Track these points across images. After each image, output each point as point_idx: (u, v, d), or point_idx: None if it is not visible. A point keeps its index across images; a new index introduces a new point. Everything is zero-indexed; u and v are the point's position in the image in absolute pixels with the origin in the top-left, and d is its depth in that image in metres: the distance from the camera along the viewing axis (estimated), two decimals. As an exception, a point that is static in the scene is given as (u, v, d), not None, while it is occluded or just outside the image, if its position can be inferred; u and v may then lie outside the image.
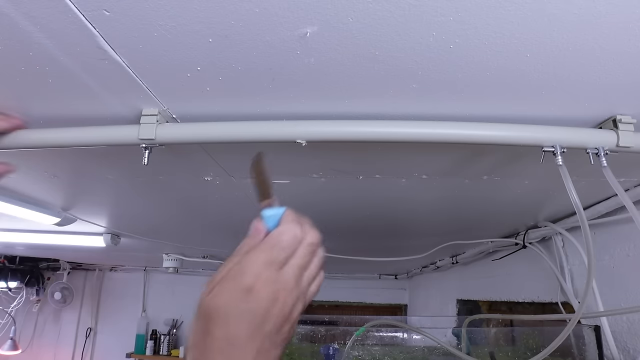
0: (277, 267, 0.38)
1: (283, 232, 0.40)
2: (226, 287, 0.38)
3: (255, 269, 0.38)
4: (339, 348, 1.30)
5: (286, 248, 0.39)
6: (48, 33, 0.48)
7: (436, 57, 0.51)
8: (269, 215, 0.42)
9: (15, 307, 3.82)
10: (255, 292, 0.37)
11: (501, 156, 0.83)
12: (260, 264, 0.38)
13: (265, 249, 0.39)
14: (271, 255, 0.38)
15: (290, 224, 0.40)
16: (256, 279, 0.37)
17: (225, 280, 0.38)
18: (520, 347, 1.34)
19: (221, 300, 0.37)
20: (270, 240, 0.39)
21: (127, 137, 0.66)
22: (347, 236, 1.78)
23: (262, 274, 0.37)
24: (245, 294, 0.37)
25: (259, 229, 0.41)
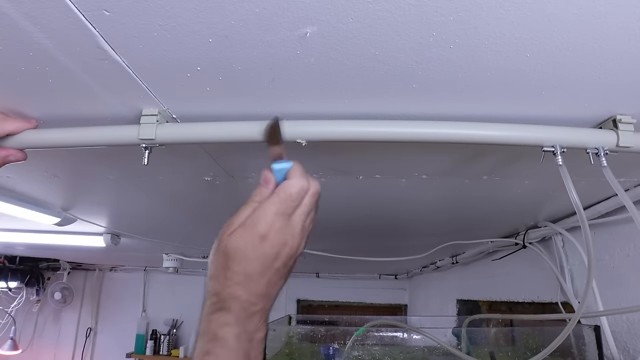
0: (287, 217, 0.46)
1: (292, 186, 0.47)
2: (244, 233, 0.45)
3: (269, 219, 0.45)
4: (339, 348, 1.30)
5: (295, 200, 0.47)
6: (48, 33, 0.48)
7: (436, 57, 0.51)
8: (279, 168, 0.49)
9: (15, 307, 3.82)
10: (269, 239, 0.45)
11: (501, 156, 0.83)
12: (273, 215, 0.45)
13: (276, 201, 0.46)
14: (281, 207, 0.46)
15: (298, 177, 0.48)
16: (269, 228, 0.45)
17: (243, 227, 0.45)
18: (520, 347, 1.34)
19: (240, 243, 0.45)
20: (281, 193, 0.46)
21: (127, 137, 0.66)
22: (347, 236, 1.78)
23: (274, 223, 0.45)
24: (260, 240, 0.45)
25: (268, 180, 0.49)
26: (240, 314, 0.44)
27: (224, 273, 0.45)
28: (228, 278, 0.45)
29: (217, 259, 0.46)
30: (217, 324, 0.44)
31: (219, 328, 0.43)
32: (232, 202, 1.26)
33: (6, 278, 3.43)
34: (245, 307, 0.44)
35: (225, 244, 0.45)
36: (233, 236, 0.45)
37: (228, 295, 0.44)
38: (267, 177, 0.49)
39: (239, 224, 0.46)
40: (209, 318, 0.44)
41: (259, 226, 0.45)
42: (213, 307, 0.45)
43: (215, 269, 0.46)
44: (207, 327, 0.44)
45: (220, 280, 0.45)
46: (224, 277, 0.45)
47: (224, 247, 0.45)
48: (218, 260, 0.46)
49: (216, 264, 0.46)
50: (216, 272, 0.46)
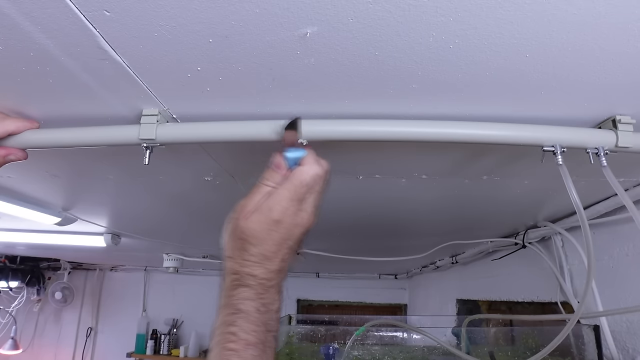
0: (300, 202, 0.50)
1: (306, 173, 0.50)
2: (260, 218, 0.49)
3: (283, 204, 0.49)
4: (339, 348, 1.30)
5: (308, 186, 0.50)
6: (49, 33, 0.48)
7: (436, 57, 0.51)
8: (292, 156, 0.51)
9: (16, 306, 3.82)
10: (283, 222, 0.49)
11: (501, 156, 0.83)
12: (287, 200, 0.49)
13: (291, 188, 0.49)
14: (296, 194, 0.49)
15: (312, 164, 0.51)
16: (283, 213, 0.49)
17: (259, 212, 0.49)
18: (520, 347, 1.34)
19: (257, 227, 0.49)
20: (295, 181, 0.50)
21: (128, 137, 0.66)
22: (347, 236, 1.78)
23: (288, 209, 0.49)
24: (275, 224, 0.49)
25: (280, 165, 0.52)
26: (259, 289, 0.48)
27: (241, 254, 0.49)
28: (246, 259, 0.48)
29: (234, 241, 0.49)
30: (238, 298, 0.47)
31: (240, 302, 0.47)
32: (232, 202, 1.26)
33: (7, 278, 3.44)
34: (262, 283, 0.48)
35: (242, 228, 0.49)
36: (249, 221, 0.49)
37: (246, 273, 0.48)
38: (278, 162, 0.52)
39: (253, 208, 0.49)
40: (230, 294, 0.48)
41: (274, 212, 0.48)
42: (233, 284, 0.48)
43: (232, 250, 0.50)
44: (229, 302, 0.47)
45: (238, 260, 0.49)
46: (242, 258, 0.49)
47: (240, 231, 0.49)
48: (235, 242, 0.49)
49: (233, 246, 0.50)
50: (233, 253, 0.49)
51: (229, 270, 0.49)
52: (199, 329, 3.74)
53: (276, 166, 0.52)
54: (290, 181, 0.50)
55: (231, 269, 0.49)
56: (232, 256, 0.50)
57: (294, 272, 3.79)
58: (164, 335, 3.77)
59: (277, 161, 0.52)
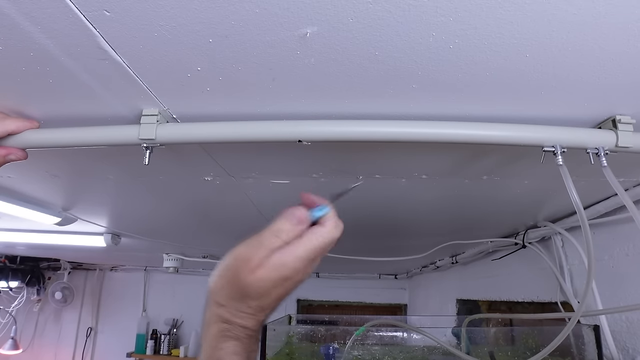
0: (312, 262, 0.47)
1: (327, 237, 0.47)
2: (269, 275, 0.45)
3: (297, 265, 0.45)
4: (339, 348, 1.30)
5: (325, 250, 0.47)
6: (49, 33, 0.48)
7: (436, 57, 0.51)
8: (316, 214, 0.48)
9: (16, 306, 3.82)
10: (291, 280, 0.46)
11: (501, 156, 0.83)
12: (301, 261, 0.46)
13: (309, 250, 0.46)
14: (313, 255, 0.46)
15: (333, 229, 0.48)
16: (295, 272, 0.46)
17: (268, 268, 0.45)
18: (520, 347, 1.34)
19: (262, 285, 0.45)
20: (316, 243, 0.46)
21: (128, 137, 0.66)
22: (347, 236, 1.78)
23: (300, 269, 0.46)
24: (282, 282, 0.45)
25: (302, 221, 0.48)
26: (247, 342, 0.45)
27: (237, 305, 0.45)
28: (242, 311, 0.45)
29: (231, 291, 0.46)
30: (226, 352, 0.44)
31: (227, 357, 0.44)
32: (232, 202, 1.26)
33: (7, 278, 3.44)
34: (251, 335, 0.46)
35: (246, 282, 0.45)
36: (255, 276, 0.45)
37: (239, 325, 0.45)
38: (302, 217, 0.47)
39: (259, 262, 0.45)
40: (218, 345, 0.44)
41: (285, 269, 0.45)
42: (223, 335, 0.45)
43: (226, 299, 0.46)
44: (215, 354, 0.44)
45: (231, 310, 0.45)
46: (237, 309, 0.45)
47: (243, 285, 0.45)
48: (232, 292, 0.46)
49: (228, 295, 0.46)
50: (227, 302, 0.46)
51: (218, 317, 0.46)
52: (199, 329, 3.73)
53: (298, 221, 0.47)
54: (310, 242, 0.46)
55: (221, 317, 0.45)
56: (225, 305, 0.46)
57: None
58: (164, 335, 3.77)
59: (301, 216, 0.47)
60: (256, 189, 1.11)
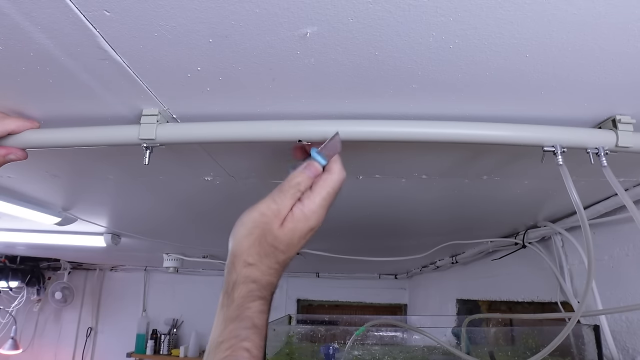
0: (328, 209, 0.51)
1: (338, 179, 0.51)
2: (298, 226, 0.48)
3: (320, 213, 0.50)
4: (339, 348, 1.30)
5: (337, 191, 0.52)
6: (49, 33, 0.48)
7: (436, 57, 0.51)
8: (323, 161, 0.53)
9: (16, 306, 3.82)
10: (313, 229, 0.50)
11: (501, 156, 0.83)
12: (323, 208, 0.50)
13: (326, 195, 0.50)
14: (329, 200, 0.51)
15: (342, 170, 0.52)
16: (318, 220, 0.50)
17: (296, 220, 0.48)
18: (520, 347, 1.34)
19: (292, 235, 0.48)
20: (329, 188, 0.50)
21: (128, 137, 0.66)
22: (347, 236, 1.78)
23: (321, 215, 0.50)
24: (309, 232, 0.49)
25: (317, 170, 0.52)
26: (271, 299, 0.47)
27: (268, 263, 0.47)
28: (271, 267, 0.48)
29: (262, 247, 0.47)
30: (254, 311, 0.45)
31: (256, 316, 0.45)
32: (232, 202, 1.26)
33: (7, 278, 3.44)
34: (274, 290, 0.48)
35: (277, 235, 0.47)
36: (286, 229, 0.48)
37: (267, 283, 0.47)
38: (316, 167, 0.52)
39: (285, 213, 0.48)
40: (246, 305, 0.45)
41: (311, 220, 0.49)
42: (251, 295, 0.46)
43: (257, 257, 0.47)
44: (243, 314, 0.45)
45: (261, 268, 0.47)
46: (267, 266, 0.47)
47: (273, 238, 0.47)
48: (263, 248, 0.47)
49: (259, 252, 0.47)
50: (258, 260, 0.47)
51: (246, 277, 0.46)
52: (199, 329, 3.74)
53: (313, 171, 0.51)
54: (325, 188, 0.50)
55: (249, 276, 0.46)
56: (255, 263, 0.47)
57: (294, 272, 3.80)
58: (164, 335, 3.77)
59: (314, 167, 0.52)
60: (256, 189, 1.11)
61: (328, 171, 0.52)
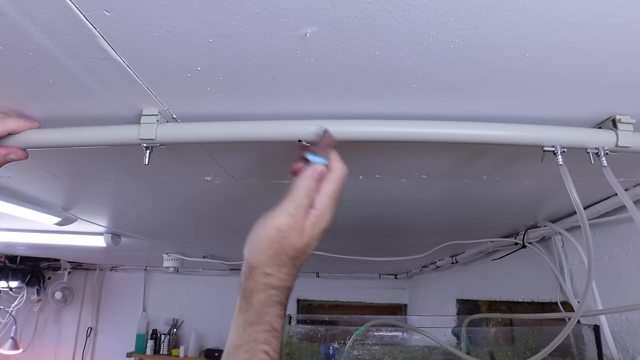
0: (336, 205, 0.53)
1: (341, 175, 0.53)
2: (314, 234, 0.50)
3: (330, 213, 0.52)
4: (339, 348, 1.30)
5: (342, 188, 0.53)
6: (49, 33, 0.48)
7: (436, 57, 0.51)
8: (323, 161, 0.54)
9: (16, 306, 3.82)
10: (327, 227, 0.52)
11: (501, 156, 0.83)
12: (331, 208, 0.52)
13: (332, 195, 0.52)
14: (337, 198, 0.52)
15: (342, 165, 0.54)
16: (329, 220, 0.52)
17: (312, 228, 0.50)
18: (520, 347, 1.34)
19: (311, 244, 0.51)
20: (335, 186, 0.52)
21: (128, 137, 0.66)
22: (347, 236, 1.78)
23: (331, 215, 0.52)
24: (322, 233, 0.52)
25: (323, 174, 0.53)
26: (287, 303, 0.49)
27: (286, 271, 0.49)
28: (290, 274, 0.49)
29: (281, 259, 0.49)
30: (273, 316, 0.47)
31: (274, 320, 0.47)
32: (232, 202, 1.26)
33: (7, 278, 3.44)
34: (290, 295, 0.50)
35: (299, 246, 0.49)
36: (305, 238, 0.50)
37: (285, 288, 0.49)
38: (322, 171, 0.53)
39: (303, 225, 0.50)
40: (266, 310, 0.47)
41: (323, 222, 0.51)
42: (270, 301, 0.48)
43: (276, 268, 0.49)
44: (262, 318, 0.47)
45: (280, 277, 0.49)
46: (286, 274, 0.49)
47: (295, 250, 0.49)
48: (282, 260, 0.49)
49: (277, 263, 0.49)
50: (276, 270, 0.49)
51: (266, 285, 0.48)
52: (199, 329, 3.74)
53: (317, 173, 0.53)
54: (331, 187, 0.52)
55: (269, 284, 0.48)
56: (274, 273, 0.49)
57: (294, 272, 3.78)
58: (164, 335, 3.77)
59: (317, 169, 0.53)
60: (256, 189, 1.11)
61: (330, 170, 0.53)
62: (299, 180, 0.52)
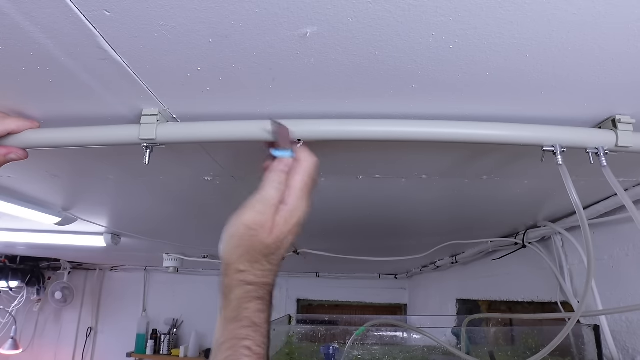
0: (309, 196, 0.52)
1: (310, 164, 0.52)
2: (283, 229, 0.49)
3: (301, 206, 0.51)
4: (339, 348, 1.30)
5: (313, 177, 0.52)
6: (49, 33, 0.48)
7: (436, 57, 0.51)
8: (289, 155, 0.53)
9: (16, 306, 3.82)
10: (300, 223, 0.51)
11: (501, 156, 0.83)
12: (303, 200, 0.51)
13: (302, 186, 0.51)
14: (307, 189, 0.51)
15: (310, 155, 0.53)
16: (302, 212, 0.51)
17: (282, 224, 0.49)
18: (520, 347, 1.34)
19: (281, 238, 0.50)
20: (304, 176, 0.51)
21: (128, 136, 0.66)
22: (347, 236, 1.78)
23: (304, 207, 0.51)
24: (296, 226, 0.50)
25: (288, 164, 0.52)
26: (268, 298, 0.48)
27: (260, 267, 0.49)
28: (265, 270, 0.49)
29: (252, 256, 0.49)
30: (252, 311, 0.47)
31: (255, 315, 0.46)
32: (232, 202, 1.26)
33: (7, 278, 3.44)
34: (271, 290, 0.49)
35: (268, 243, 0.49)
36: (275, 234, 0.49)
37: (263, 284, 0.48)
38: (288, 163, 0.53)
39: (273, 219, 0.49)
40: (244, 306, 0.47)
41: (296, 215, 0.50)
42: (248, 296, 0.47)
43: (248, 264, 0.48)
44: (241, 315, 0.46)
45: (255, 272, 0.48)
46: (261, 271, 0.49)
47: (265, 247, 0.49)
48: (253, 256, 0.49)
49: (249, 259, 0.49)
50: (250, 267, 0.49)
51: (241, 282, 0.48)
52: (199, 329, 3.74)
53: (284, 165, 0.52)
54: (300, 179, 0.51)
55: (244, 280, 0.48)
56: (247, 269, 0.48)
57: (294, 272, 3.79)
58: (164, 335, 3.77)
59: (284, 161, 0.53)
60: (256, 189, 1.10)
61: (297, 161, 0.53)
62: (267, 176, 0.52)
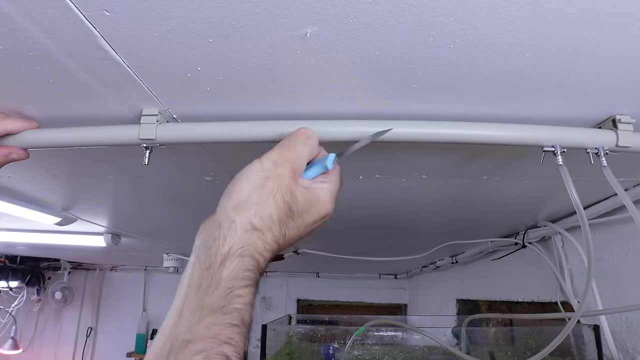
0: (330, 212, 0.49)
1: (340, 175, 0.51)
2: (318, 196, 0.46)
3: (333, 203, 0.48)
4: (339, 347, 1.30)
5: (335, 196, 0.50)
6: (49, 33, 0.48)
7: (436, 57, 0.51)
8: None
9: (16, 306, 3.82)
10: (328, 216, 0.48)
11: (501, 156, 0.83)
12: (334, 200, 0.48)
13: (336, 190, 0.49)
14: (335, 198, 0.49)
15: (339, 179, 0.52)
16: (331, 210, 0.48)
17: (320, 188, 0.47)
18: (520, 347, 1.34)
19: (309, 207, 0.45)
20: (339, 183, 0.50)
21: (128, 137, 0.66)
22: (347, 236, 1.78)
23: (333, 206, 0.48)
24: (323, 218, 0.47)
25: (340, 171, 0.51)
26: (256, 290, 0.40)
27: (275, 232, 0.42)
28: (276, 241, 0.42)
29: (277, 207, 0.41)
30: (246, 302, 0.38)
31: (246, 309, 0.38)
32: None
33: (7, 278, 3.44)
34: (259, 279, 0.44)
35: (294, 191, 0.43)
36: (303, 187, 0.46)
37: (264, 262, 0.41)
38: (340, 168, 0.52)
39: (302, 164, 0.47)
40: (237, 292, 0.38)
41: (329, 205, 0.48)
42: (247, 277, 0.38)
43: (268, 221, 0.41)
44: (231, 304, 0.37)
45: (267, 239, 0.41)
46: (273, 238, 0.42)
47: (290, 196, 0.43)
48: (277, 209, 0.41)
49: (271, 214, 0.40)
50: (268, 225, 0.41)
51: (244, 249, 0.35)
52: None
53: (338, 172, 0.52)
54: (336, 183, 0.50)
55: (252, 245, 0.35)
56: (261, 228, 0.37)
57: (294, 272, 3.79)
58: (164, 335, 3.76)
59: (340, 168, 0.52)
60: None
61: (331, 173, 0.51)
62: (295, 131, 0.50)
